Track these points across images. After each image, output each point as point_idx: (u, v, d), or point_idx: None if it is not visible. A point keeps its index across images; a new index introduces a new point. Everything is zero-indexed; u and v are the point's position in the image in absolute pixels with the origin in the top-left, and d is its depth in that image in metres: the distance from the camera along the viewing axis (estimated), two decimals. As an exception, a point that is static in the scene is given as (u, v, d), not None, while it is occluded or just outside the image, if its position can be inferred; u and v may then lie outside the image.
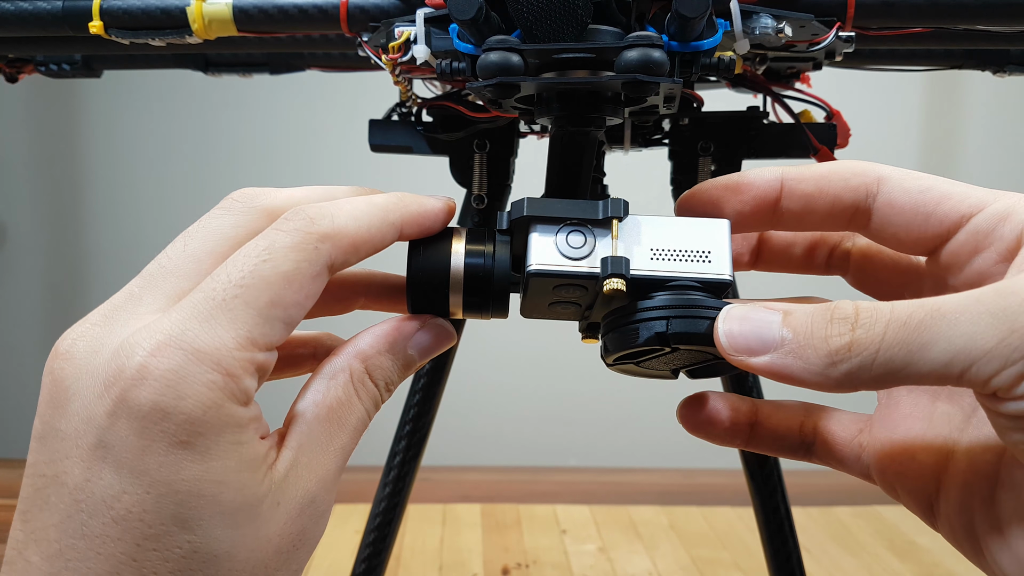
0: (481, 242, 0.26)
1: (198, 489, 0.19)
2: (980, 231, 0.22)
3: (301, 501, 0.21)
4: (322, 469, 0.22)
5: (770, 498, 0.53)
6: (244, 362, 0.20)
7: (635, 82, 0.25)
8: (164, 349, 0.19)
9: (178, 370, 0.19)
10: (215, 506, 0.19)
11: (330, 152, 1.44)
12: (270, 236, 0.21)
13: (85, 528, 0.19)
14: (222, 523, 0.20)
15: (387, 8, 0.35)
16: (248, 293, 0.20)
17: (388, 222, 0.24)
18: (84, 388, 0.20)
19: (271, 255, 0.21)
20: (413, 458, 0.53)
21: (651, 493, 1.39)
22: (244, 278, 0.21)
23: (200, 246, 0.22)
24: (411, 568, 1.07)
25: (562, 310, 0.27)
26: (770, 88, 0.43)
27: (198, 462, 0.19)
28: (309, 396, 0.23)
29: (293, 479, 0.21)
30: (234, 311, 0.20)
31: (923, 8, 0.33)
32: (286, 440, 0.22)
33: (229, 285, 0.20)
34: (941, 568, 1.11)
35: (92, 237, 1.49)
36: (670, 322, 0.23)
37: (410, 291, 0.25)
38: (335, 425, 0.23)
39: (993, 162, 1.46)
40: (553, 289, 0.25)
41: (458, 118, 0.44)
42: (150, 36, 0.37)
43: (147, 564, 0.19)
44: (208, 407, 0.19)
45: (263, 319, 0.21)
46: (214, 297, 0.20)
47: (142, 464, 0.19)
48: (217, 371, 0.19)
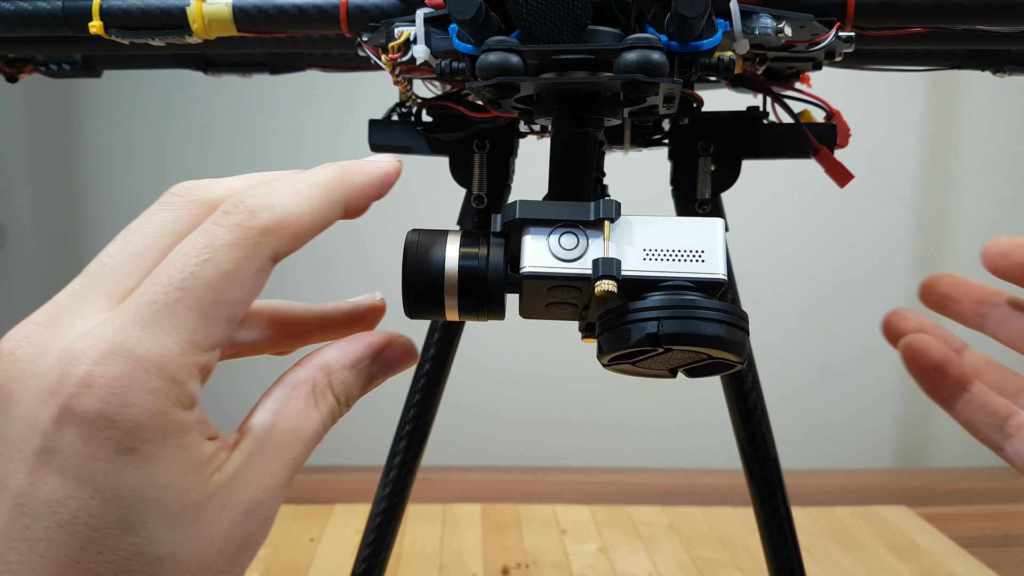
0: (476, 245, 0.26)
1: (143, 494, 0.19)
2: None
3: (247, 506, 0.21)
4: (271, 477, 0.22)
5: (770, 498, 0.53)
6: (188, 367, 0.20)
7: (635, 82, 0.25)
8: (109, 357, 0.19)
9: (123, 378, 0.19)
10: (160, 510, 0.20)
11: (330, 152, 1.44)
12: (210, 232, 0.21)
13: (28, 532, 0.19)
14: (167, 526, 0.20)
15: (387, 8, 0.35)
16: (189, 296, 0.20)
17: (331, 201, 0.23)
18: (28, 392, 0.20)
19: (211, 253, 0.21)
20: (413, 458, 0.53)
21: (651, 493, 1.39)
22: (184, 280, 0.20)
23: (142, 243, 0.22)
24: (411, 568, 1.07)
25: (559, 311, 0.27)
26: (770, 88, 0.43)
27: (143, 468, 0.19)
28: (268, 404, 0.23)
29: (241, 483, 0.21)
30: (176, 315, 0.20)
31: (923, 8, 0.33)
32: (239, 445, 0.22)
33: (170, 288, 0.20)
34: (941, 568, 1.11)
35: (92, 237, 1.49)
36: (662, 323, 0.23)
37: (406, 294, 0.25)
38: (290, 435, 0.23)
39: (993, 162, 1.46)
40: (548, 290, 0.25)
41: (458, 118, 0.44)
42: (150, 36, 0.37)
43: (91, 566, 0.19)
44: (153, 414, 0.19)
45: (206, 320, 0.20)
46: (155, 301, 0.20)
47: (87, 470, 0.19)
48: (162, 378, 0.20)
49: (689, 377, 0.27)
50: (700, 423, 1.45)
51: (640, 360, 0.25)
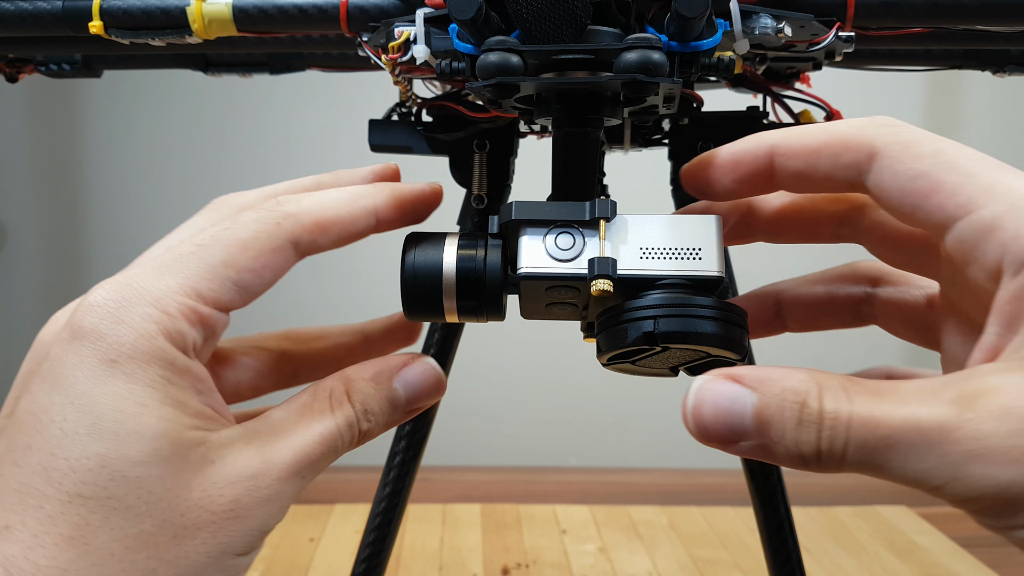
0: (473, 246, 0.26)
1: (118, 404, 0.20)
2: (965, 241, 0.20)
3: (239, 470, 0.21)
4: (271, 454, 0.22)
5: (770, 498, 0.53)
6: (183, 306, 0.21)
7: (635, 82, 0.25)
8: (117, 287, 0.21)
9: (121, 300, 0.21)
10: (133, 424, 0.20)
11: (330, 152, 1.44)
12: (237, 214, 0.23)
13: (13, 444, 0.20)
14: (139, 444, 0.20)
15: (387, 8, 0.35)
16: (203, 251, 0.22)
17: (358, 204, 0.24)
18: (53, 331, 0.23)
19: (232, 224, 0.23)
20: (413, 458, 0.53)
21: (651, 493, 1.39)
22: (203, 241, 0.22)
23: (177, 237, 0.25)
24: (411, 568, 1.07)
25: (560, 311, 0.27)
26: (770, 88, 0.43)
27: (123, 381, 0.20)
28: (284, 403, 0.23)
29: (239, 448, 0.21)
30: (186, 265, 0.22)
31: (923, 8, 0.33)
32: (246, 423, 0.22)
33: (190, 245, 0.22)
34: (941, 568, 1.11)
35: (92, 237, 1.50)
36: (658, 321, 0.23)
37: (405, 297, 0.25)
38: (299, 426, 0.23)
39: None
40: (546, 291, 0.25)
41: (458, 118, 0.44)
42: (150, 36, 0.37)
43: (55, 473, 0.19)
44: (140, 335, 0.20)
45: (212, 275, 0.22)
46: (173, 254, 0.22)
47: (72, 378, 0.20)
48: (155, 307, 0.21)
49: (691, 376, 0.27)
50: (700, 423, 1.45)
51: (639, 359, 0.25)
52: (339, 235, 0.24)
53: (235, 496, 0.21)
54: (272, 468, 0.22)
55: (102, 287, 0.21)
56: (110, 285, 0.21)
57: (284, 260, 0.23)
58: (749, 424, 0.19)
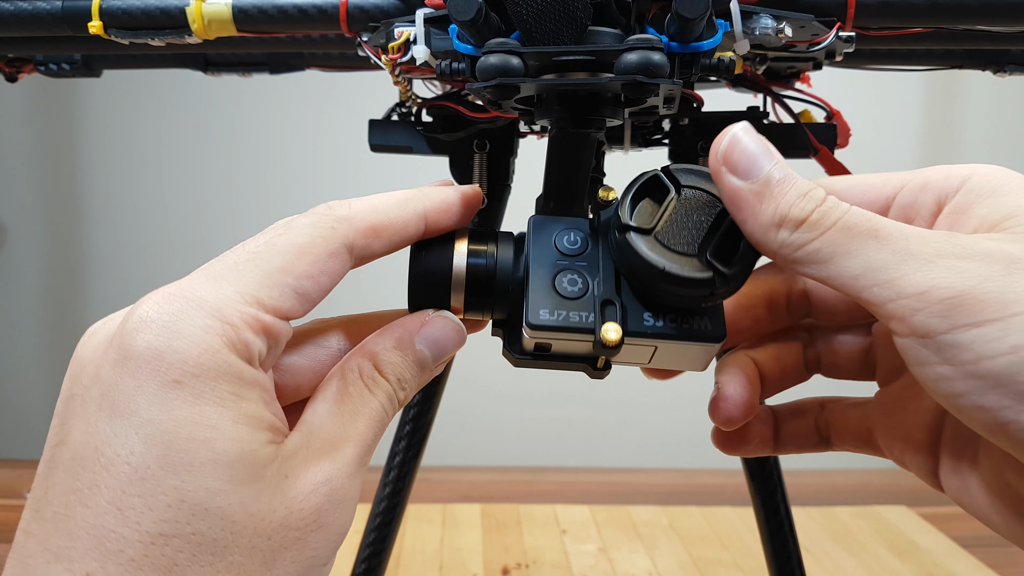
0: (483, 242, 0.26)
1: (188, 431, 0.18)
2: (905, 205, 0.24)
3: (315, 478, 0.20)
4: (336, 452, 0.21)
5: (770, 498, 0.53)
6: (245, 315, 0.20)
7: (635, 84, 0.25)
8: (168, 299, 0.20)
9: (176, 313, 0.19)
10: (207, 451, 0.18)
11: (330, 152, 1.44)
12: (292, 219, 0.23)
13: (77, 481, 0.18)
14: (215, 472, 0.18)
15: (387, 8, 0.35)
16: (259, 259, 0.21)
17: (409, 209, 0.24)
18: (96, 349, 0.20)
19: (287, 229, 0.22)
20: (413, 458, 0.53)
21: (651, 493, 1.39)
22: (259, 247, 0.21)
23: None
24: (411, 568, 1.07)
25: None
26: (770, 88, 0.43)
27: (190, 404, 0.19)
28: (319, 395, 0.23)
29: (305, 456, 0.21)
30: (243, 273, 0.21)
31: (923, 8, 0.33)
32: (297, 426, 0.22)
33: (245, 252, 0.21)
34: (941, 568, 1.11)
35: (92, 237, 1.49)
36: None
37: (411, 290, 0.25)
38: (348, 416, 0.22)
39: (993, 162, 1.46)
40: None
41: (458, 118, 0.44)
42: (150, 36, 0.37)
43: (130, 513, 0.18)
44: (203, 349, 0.19)
45: (271, 282, 0.21)
46: (227, 263, 0.21)
47: (133, 404, 0.18)
48: (215, 317, 0.20)
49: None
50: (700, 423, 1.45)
51: None
52: (391, 240, 0.24)
53: (316, 506, 0.20)
54: (342, 467, 0.21)
55: (151, 299, 0.20)
56: (160, 297, 0.20)
57: (341, 265, 0.22)
58: (765, 170, 0.22)
